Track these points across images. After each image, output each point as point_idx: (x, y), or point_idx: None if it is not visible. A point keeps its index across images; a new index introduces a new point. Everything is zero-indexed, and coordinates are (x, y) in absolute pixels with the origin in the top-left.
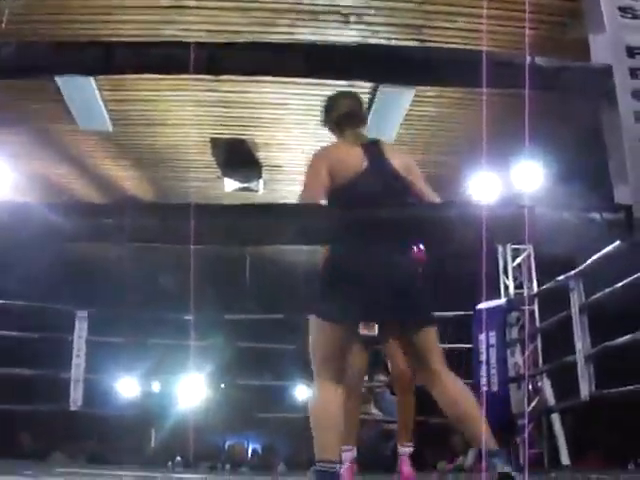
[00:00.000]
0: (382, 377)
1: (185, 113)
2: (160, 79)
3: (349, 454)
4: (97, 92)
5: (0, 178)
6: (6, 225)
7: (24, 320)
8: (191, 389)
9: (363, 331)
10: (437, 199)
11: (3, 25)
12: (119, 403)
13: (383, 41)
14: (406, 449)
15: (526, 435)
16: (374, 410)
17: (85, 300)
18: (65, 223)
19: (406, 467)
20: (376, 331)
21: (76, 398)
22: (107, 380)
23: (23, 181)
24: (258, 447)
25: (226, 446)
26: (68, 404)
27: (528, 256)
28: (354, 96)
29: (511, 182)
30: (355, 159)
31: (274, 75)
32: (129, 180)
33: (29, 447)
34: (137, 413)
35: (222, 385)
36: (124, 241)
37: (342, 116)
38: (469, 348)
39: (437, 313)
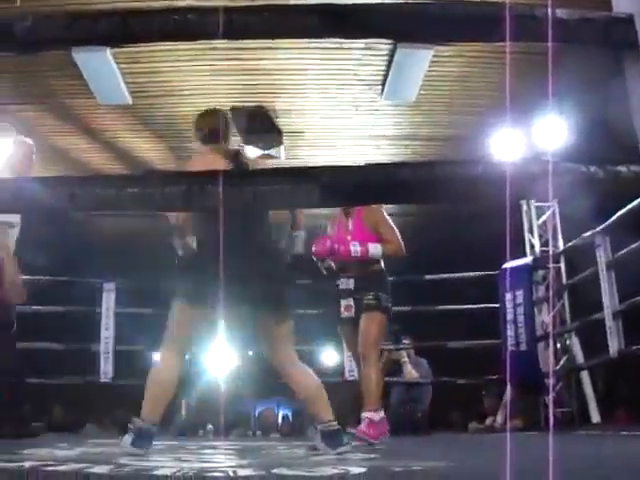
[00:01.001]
0: (408, 340)
1: (204, 83)
2: (177, 49)
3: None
4: (115, 66)
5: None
6: (28, 200)
7: (53, 294)
8: (220, 357)
9: (344, 313)
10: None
11: (18, 3)
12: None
13: None
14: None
15: (554, 394)
16: (413, 372)
17: (112, 272)
18: (90, 194)
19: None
20: (353, 313)
21: (106, 370)
22: (137, 351)
23: (44, 156)
24: (288, 413)
25: (256, 413)
26: (99, 376)
27: (553, 213)
28: (218, 114)
29: (534, 139)
30: (219, 166)
31: (291, 37)
32: (151, 152)
33: (62, 420)
34: None
35: (250, 352)
36: (153, 209)
37: (206, 135)
38: (495, 308)
39: (462, 274)
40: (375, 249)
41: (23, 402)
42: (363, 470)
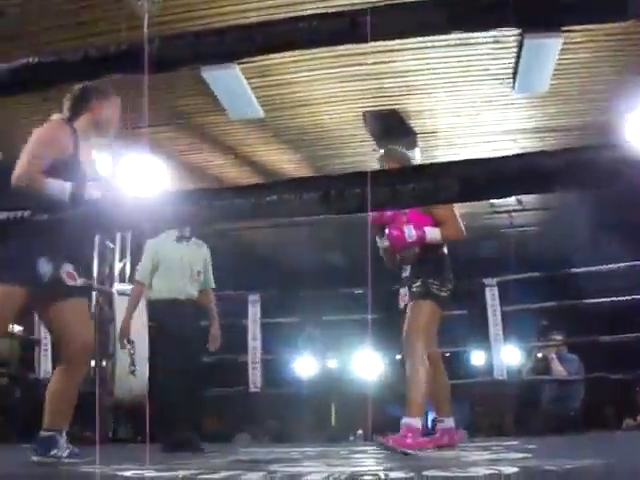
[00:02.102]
0: (558, 337)
1: (334, 90)
2: (305, 60)
3: (442, 424)
4: (244, 80)
5: (158, 173)
6: (168, 214)
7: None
8: (367, 363)
9: (400, 303)
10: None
11: (145, 29)
12: (297, 382)
13: None
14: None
15: None
16: (560, 368)
17: (256, 284)
18: (227, 205)
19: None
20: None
21: (255, 380)
22: (284, 360)
23: (181, 175)
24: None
25: None
26: (248, 386)
27: None
28: None
29: None
30: None
31: (417, 35)
32: (286, 163)
33: (214, 430)
34: (316, 391)
35: (397, 356)
36: (292, 216)
37: None
38: None
39: (610, 266)
40: (433, 233)
41: (177, 413)
42: (516, 470)
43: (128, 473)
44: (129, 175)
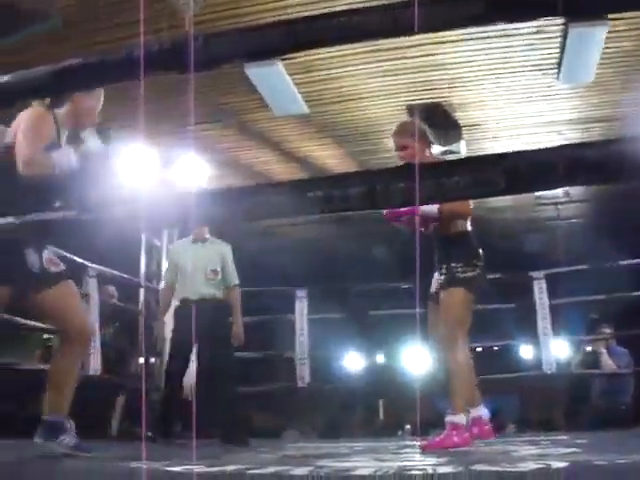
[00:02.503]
0: (607, 330)
1: (377, 84)
2: (348, 55)
3: (472, 415)
4: (287, 77)
5: (203, 171)
6: (217, 211)
7: (248, 305)
8: (415, 357)
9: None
10: None
11: (188, 28)
12: (345, 377)
13: None
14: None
15: None
16: (609, 362)
17: (303, 279)
18: (277, 201)
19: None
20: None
21: (303, 375)
22: (332, 356)
23: (228, 172)
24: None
25: None
26: (296, 382)
27: None
28: None
29: None
30: None
31: (460, 27)
32: (331, 159)
33: (263, 425)
34: (364, 386)
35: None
36: (337, 211)
37: None
38: None
39: None
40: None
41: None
42: (565, 465)
43: (177, 468)
44: (175, 173)
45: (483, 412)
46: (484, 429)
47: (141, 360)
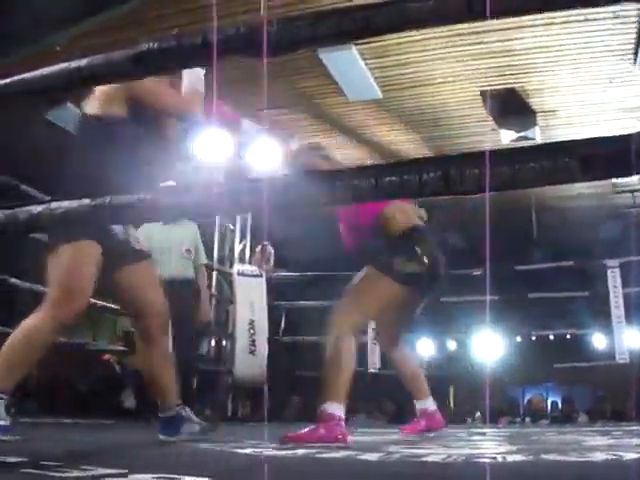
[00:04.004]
0: None
1: (452, 70)
2: (424, 39)
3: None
4: (362, 62)
5: (279, 155)
6: (303, 195)
7: (325, 288)
8: (487, 345)
9: None
10: None
11: (262, 11)
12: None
13: None
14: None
15: None
16: None
17: None
18: (348, 186)
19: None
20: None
21: (374, 361)
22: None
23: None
24: (557, 399)
25: (525, 400)
26: (366, 367)
27: None
28: None
29: None
30: None
31: (538, 12)
32: (406, 143)
33: None
34: (435, 372)
35: (518, 338)
36: (411, 197)
37: None
38: None
39: None
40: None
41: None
42: (636, 456)
43: (247, 450)
44: (252, 157)
45: (429, 404)
46: (435, 419)
47: (212, 343)
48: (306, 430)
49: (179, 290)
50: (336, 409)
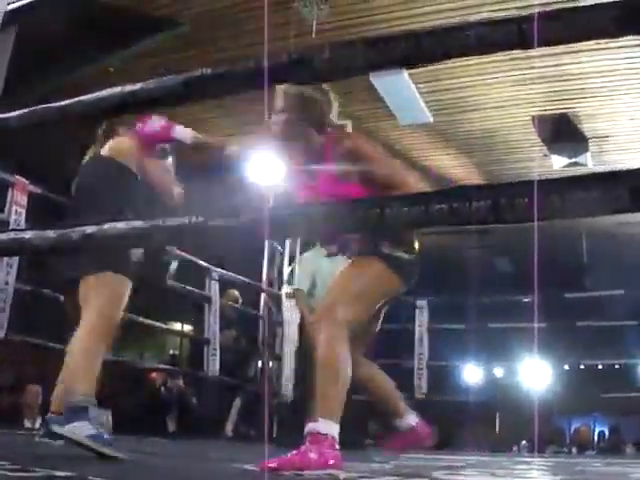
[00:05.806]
0: None
1: (503, 95)
2: (476, 64)
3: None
4: (413, 86)
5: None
6: (333, 223)
7: None
8: (534, 372)
9: None
10: None
11: (313, 35)
12: (463, 389)
13: None
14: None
15: None
16: None
17: (424, 289)
18: (398, 213)
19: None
20: None
21: (421, 385)
22: (450, 367)
23: None
24: (605, 429)
25: (572, 429)
26: (413, 392)
27: None
28: None
29: None
30: None
31: (586, 40)
32: (456, 168)
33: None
34: (481, 399)
35: (566, 366)
36: (461, 224)
37: None
38: None
39: None
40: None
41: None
42: None
43: (288, 473)
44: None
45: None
46: (419, 435)
47: (260, 364)
48: (293, 453)
49: None
50: (329, 428)
